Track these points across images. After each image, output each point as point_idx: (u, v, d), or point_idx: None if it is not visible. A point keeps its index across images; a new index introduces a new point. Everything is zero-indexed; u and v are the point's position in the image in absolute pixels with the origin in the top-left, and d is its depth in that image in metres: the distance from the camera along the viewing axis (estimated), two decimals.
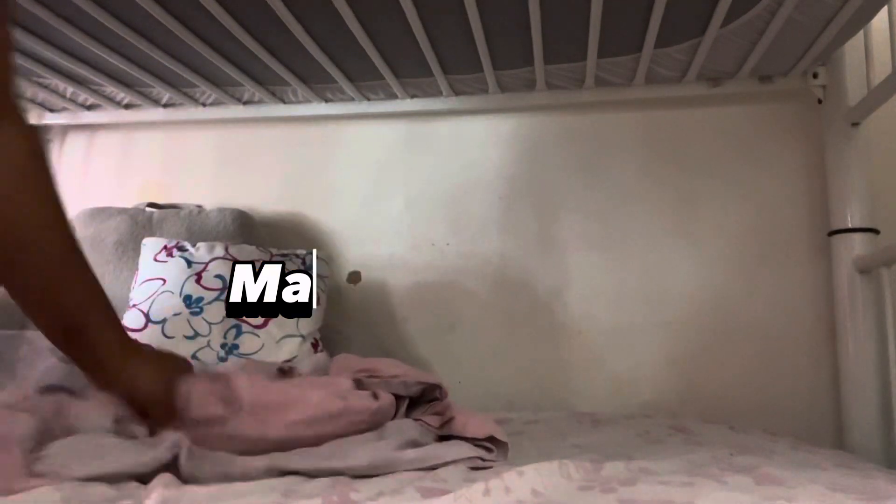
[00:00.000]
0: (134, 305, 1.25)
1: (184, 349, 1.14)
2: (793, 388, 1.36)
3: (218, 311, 1.22)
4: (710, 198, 1.46)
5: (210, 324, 1.19)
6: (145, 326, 1.20)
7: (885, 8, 1.14)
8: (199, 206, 1.55)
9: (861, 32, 1.25)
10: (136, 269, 1.31)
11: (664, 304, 1.44)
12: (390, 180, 1.60)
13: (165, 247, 1.31)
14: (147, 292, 1.25)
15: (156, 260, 1.29)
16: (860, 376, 1.24)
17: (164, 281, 1.25)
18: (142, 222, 1.44)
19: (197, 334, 1.17)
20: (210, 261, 1.28)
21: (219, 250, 1.30)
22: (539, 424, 1.05)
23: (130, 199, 1.63)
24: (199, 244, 1.32)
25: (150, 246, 1.33)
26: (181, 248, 1.31)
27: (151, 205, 1.53)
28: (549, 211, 1.52)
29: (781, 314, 1.39)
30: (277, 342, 1.21)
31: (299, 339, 1.24)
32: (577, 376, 1.45)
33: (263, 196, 1.64)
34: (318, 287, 1.31)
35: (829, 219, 1.33)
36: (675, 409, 1.38)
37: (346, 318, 1.54)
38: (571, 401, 1.44)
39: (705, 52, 1.27)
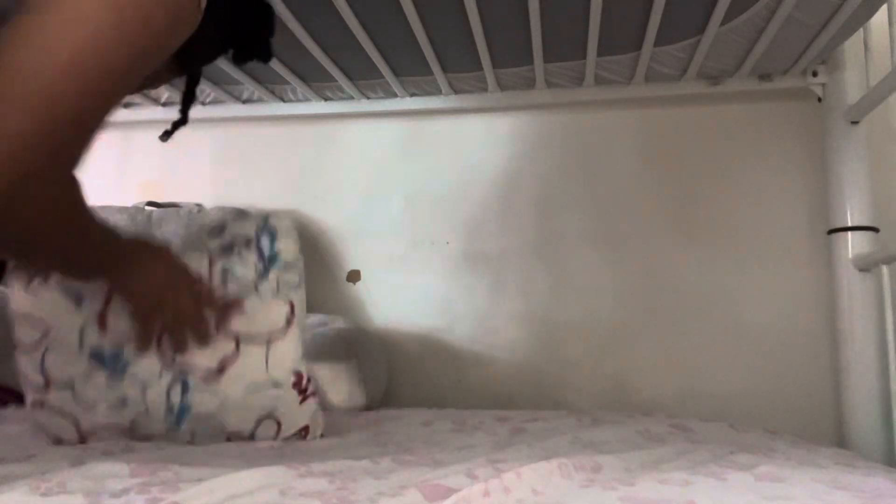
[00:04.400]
0: None
1: None
2: (793, 386, 1.36)
3: None
4: (709, 196, 1.45)
5: None
6: None
7: (885, 6, 1.14)
8: (199, 205, 1.54)
9: (861, 31, 1.25)
10: None
11: (664, 303, 1.44)
12: (389, 179, 1.59)
13: None
14: None
15: None
16: (860, 374, 1.24)
17: None
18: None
19: None
20: None
21: None
22: (539, 423, 1.05)
23: (129, 198, 1.63)
24: None
25: None
26: None
27: (151, 203, 1.53)
28: (549, 209, 1.51)
29: (781, 312, 1.39)
30: None
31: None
32: (576, 375, 1.45)
33: (263, 194, 1.63)
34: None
35: (829, 217, 1.33)
36: (674, 407, 1.38)
37: (346, 316, 1.54)
38: (571, 399, 1.44)
39: (705, 50, 1.27)
